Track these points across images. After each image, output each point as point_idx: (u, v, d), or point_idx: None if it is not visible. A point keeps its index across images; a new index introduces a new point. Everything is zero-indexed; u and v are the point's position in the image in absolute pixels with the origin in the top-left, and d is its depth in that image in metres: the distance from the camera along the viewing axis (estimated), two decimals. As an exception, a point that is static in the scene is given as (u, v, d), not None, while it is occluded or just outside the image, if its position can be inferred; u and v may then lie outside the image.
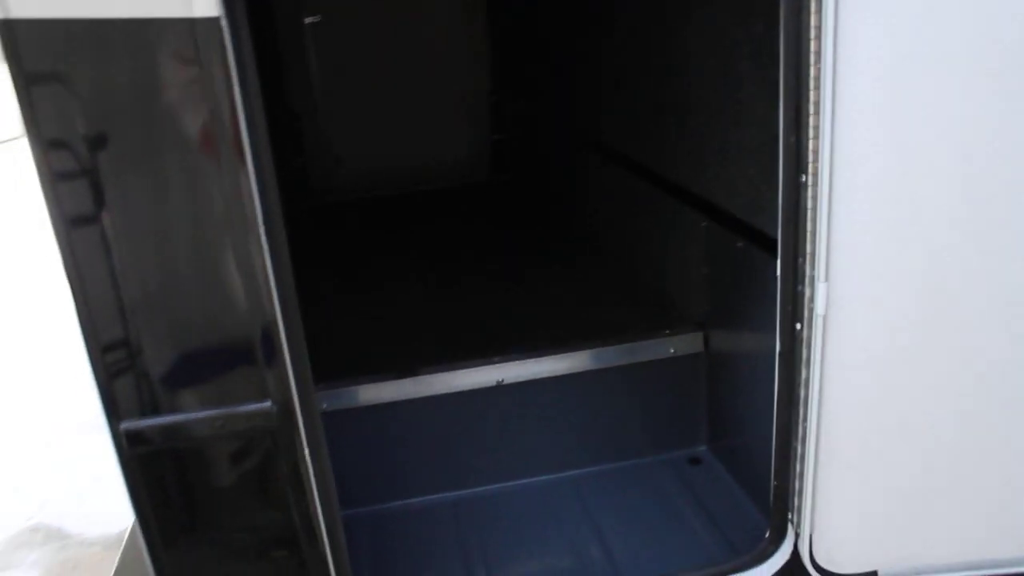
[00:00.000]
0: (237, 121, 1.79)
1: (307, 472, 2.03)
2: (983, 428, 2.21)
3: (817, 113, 1.95)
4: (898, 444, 2.22)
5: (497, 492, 3.11)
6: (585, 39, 4.19)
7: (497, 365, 3.04)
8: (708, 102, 2.92)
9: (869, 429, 2.20)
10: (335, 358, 3.14)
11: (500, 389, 3.06)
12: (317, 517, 2.09)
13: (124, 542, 3.52)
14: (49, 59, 1.71)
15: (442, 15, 5.41)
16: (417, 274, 4.08)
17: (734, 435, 3.09)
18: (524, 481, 3.14)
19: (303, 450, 2.01)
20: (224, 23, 1.74)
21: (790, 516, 2.35)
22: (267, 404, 1.94)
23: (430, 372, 3.01)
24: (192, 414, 1.91)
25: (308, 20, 5.29)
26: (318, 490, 2.08)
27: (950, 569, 2.36)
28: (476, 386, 3.03)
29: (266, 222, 1.85)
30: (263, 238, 1.86)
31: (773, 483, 2.36)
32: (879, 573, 2.34)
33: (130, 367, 1.87)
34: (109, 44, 1.71)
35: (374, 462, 3.02)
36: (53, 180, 1.75)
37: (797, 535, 2.34)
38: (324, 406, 2.93)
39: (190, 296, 1.87)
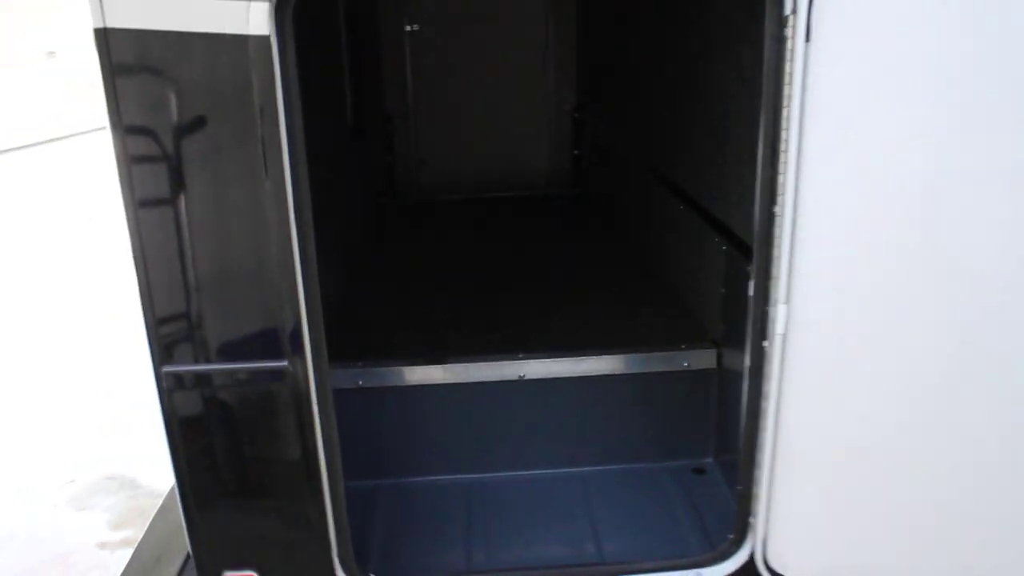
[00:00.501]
0: (278, 121, 2.14)
1: (313, 427, 2.36)
2: (930, 449, 2.35)
3: (786, 151, 2.17)
4: (849, 460, 2.38)
5: (509, 480, 3.37)
6: (643, 69, 4.45)
7: (520, 361, 3.31)
8: (733, 137, 3.14)
9: (822, 444, 2.38)
10: (378, 340, 3.49)
11: (521, 384, 3.32)
12: (320, 469, 2.41)
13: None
14: (132, 61, 2.10)
15: (535, 34, 5.78)
16: (472, 272, 4.39)
17: (737, 449, 3.26)
18: (535, 472, 3.39)
19: (311, 406, 2.34)
20: (274, 40, 2.10)
21: (751, 520, 2.54)
22: (284, 363, 2.28)
23: (458, 361, 3.31)
24: (220, 365, 2.27)
25: (408, 28, 5.75)
26: (323, 444, 2.40)
27: (900, 586, 2.50)
28: (499, 378, 3.30)
29: (296, 214, 2.20)
30: (292, 227, 2.21)
31: (738, 488, 2.55)
32: (830, 582, 2.51)
33: (173, 323, 2.25)
34: (180, 52, 2.09)
35: (400, 439, 3.33)
36: (127, 163, 2.15)
37: (757, 538, 2.53)
38: (360, 382, 3.28)
39: (228, 270, 2.24)
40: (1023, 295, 2.22)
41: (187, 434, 2.34)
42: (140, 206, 2.19)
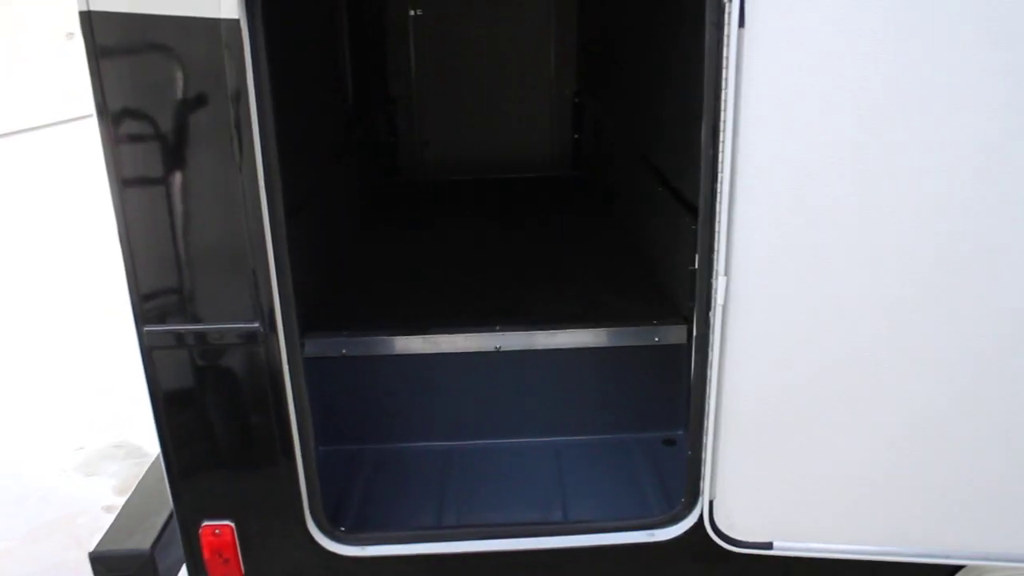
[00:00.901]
0: (250, 103, 2.30)
1: (284, 389, 2.53)
2: (869, 416, 2.47)
3: (724, 131, 2.29)
4: (791, 428, 2.51)
5: (484, 447, 3.53)
6: (626, 55, 4.57)
7: (497, 333, 3.46)
8: (697, 120, 3.26)
9: (765, 412, 2.50)
10: (365, 311, 3.66)
11: (497, 355, 3.47)
12: (291, 429, 2.58)
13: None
14: (114, 44, 2.26)
15: (536, 17, 5.91)
16: (461, 249, 4.54)
17: (701, 421, 3.40)
18: (510, 440, 3.55)
19: (282, 369, 2.50)
20: (244, 24, 2.25)
21: (700, 485, 2.67)
22: (255, 325, 2.44)
23: (437, 332, 3.46)
24: (197, 325, 2.44)
25: (412, 13, 5.90)
26: (294, 406, 2.56)
27: (841, 549, 2.63)
28: (476, 349, 3.45)
29: (268, 191, 2.36)
30: (264, 204, 2.36)
31: (688, 453, 2.69)
32: (774, 545, 2.63)
33: (153, 289, 2.42)
34: (158, 35, 2.25)
35: (382, 406, 3.50)
36: (111, 141, 2.31)
37: (704, 501, 2.66)
38: (344, 351, 3.44)
39: (204, 242, 2.40)
40: (953, 266, 2.33)
41: (166, 394, 2.52)
42: (123, 183, 2.35)
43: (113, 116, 2.31)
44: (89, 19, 2.25)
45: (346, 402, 3.48)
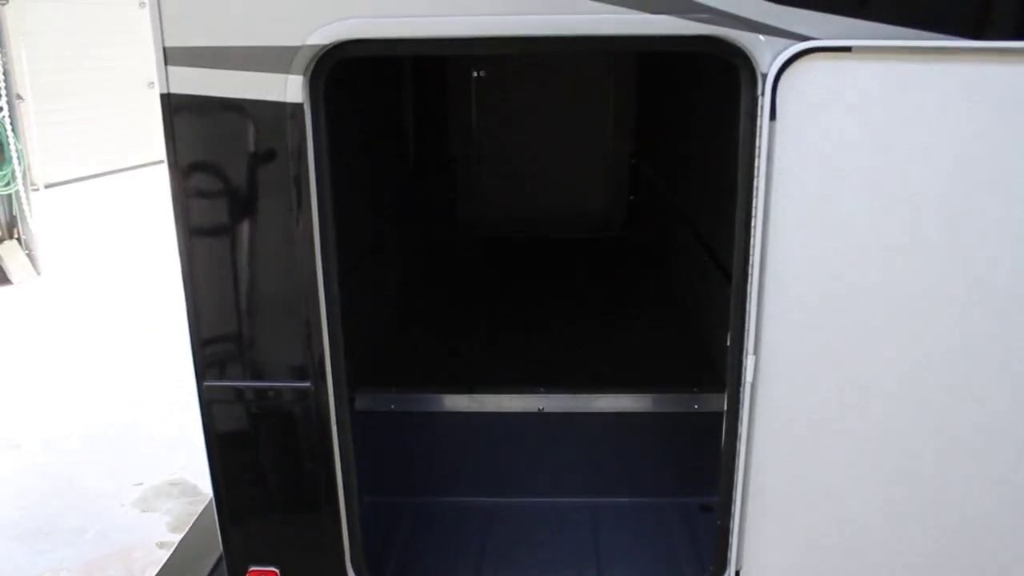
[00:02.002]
0: (309, 173, 2.49)
1: (332, 444, 2.67)
2: (896, 495, 2.52)
3: (756, 216, 2.40)
4: (818, 502, 2.56)
5: (524, 505, 3.62)
6: (679, 129, 4.70)
7: (540, 395, 3.57)
8: None
9: (791, 485, 2.56)
10: (415, 368, 3.81)
11: (540, 416, 3.58)
12: (336, 482, 2.72)
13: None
14: (189, 121, 2.47)
15: (596, 80, 6.07)
16: (513, 308, 4.68)
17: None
18: (548, 500, 3.63)
19: (331, 424, 2.66)
20: (307, 107, 2.44)
21: (729, 555, 2.73)
22: (307, 384, 2.61)
23: (483, 392, 3.58)
24: (252, 382, 2.61)
25: (475, 75, 6.11)
26: (340, 460, 2.71)
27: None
28: (520, 409, 3.57)
29: (323, 257, 2.53)
30: (319, 269, 2.54)
31: (718, 523, 2.75)
32: (799, 617, 2.68)
33: (214, 344, 2.60)
34: (229, 115, 2.46)
35: (427, 461, 3.63)
36: (182, 206, 2.52)
37: (731, 570, 2.72)
38: (392, 406, 3.58)
39: (263, 302, 2.59)
40: (979, 355, 2.39)
41: (222, 444, 2.69)
42: (191, 242, 2.56)
43: (183, 187, 2.52)
44: (168, 100, 2.48)
45: (393, 455, 3.61)
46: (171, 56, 2.46)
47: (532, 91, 6.07)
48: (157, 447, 6.07)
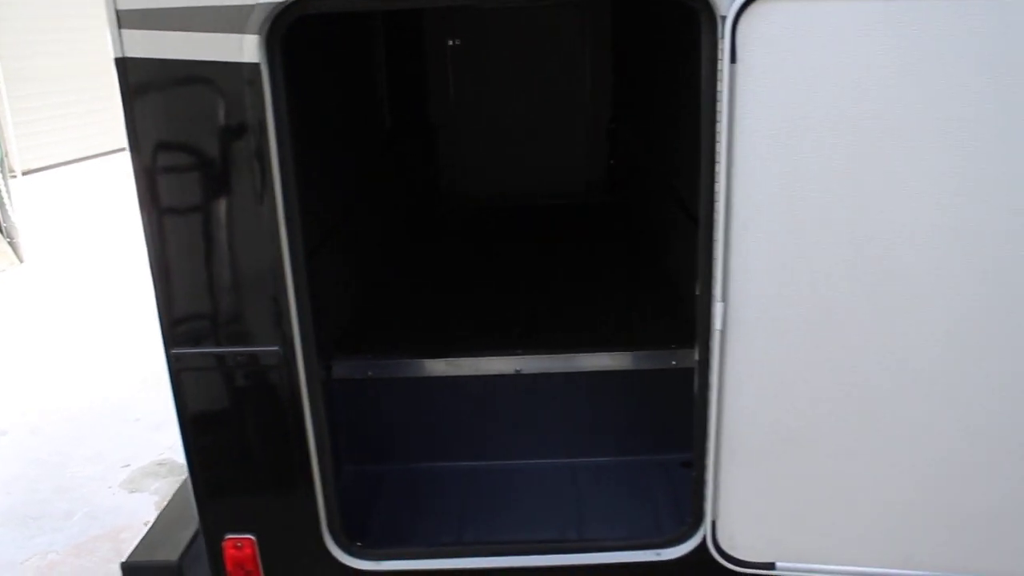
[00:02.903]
0: (270, 137, 2.45)
1: (302, 409, 2.66)
2: (870, 440, 2.51)
3: (719, 162, 2.38)
4: (790, 450, 2.56)
5: (505, 468, 3.61)
6: (653, 88, 4.67)
7: (518, 356, 3.56)
8: None
9: (764, 434, 2.56)
10: (392, 334, 3.80)
11: (518, 377, 3.57)
12: (308, 448, 2.71)
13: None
14: (146, 86, 2.44)
15: (572, 45, 6.04)
16: (490, 273, 4.66)
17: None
18: (529, 461, 3.63)
19: (300, 390, 2.64)
20: (264, 68, 2.41)
21: (704, 506, 2.73)
22: (275, 348, 2.59)
23: (460, 356, 3.57)
24: (219, 348, 2.59)
25: (450, 43, 6.07)
26: (312, 426, 2.69)
27: (844, 571, 2.66)
28: (497, 372, 3.55)
29: (287, 221, 2.51)
30: (283, 234, 2.51)
31: (693, 475, 2.75)
32: (776, 565, 2.68)
33: (181, 311, 2.58)
34: (185, 78, 2.42)
35: (406, 427, 3.62)
36: (142, 174, 2.49)
37: (707, 522, 2.72)
38: (369, 373, 3.57)
39: (227, 269, 2.56)
40: (951, 288, 2.38)
41: (192, 413, 2.67)
42: (151, 213, 2.53)
43: (142, 151, 2.48)
44: (124, 64, 2.44)
45: (373, 423, 3.61)
46: (124, 19, 2.42)
47: (509, 59, 6.03)
48: (143, 428, 6.06)
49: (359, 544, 2.89)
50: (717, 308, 2.48)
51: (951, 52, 2.20)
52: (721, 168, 2.37)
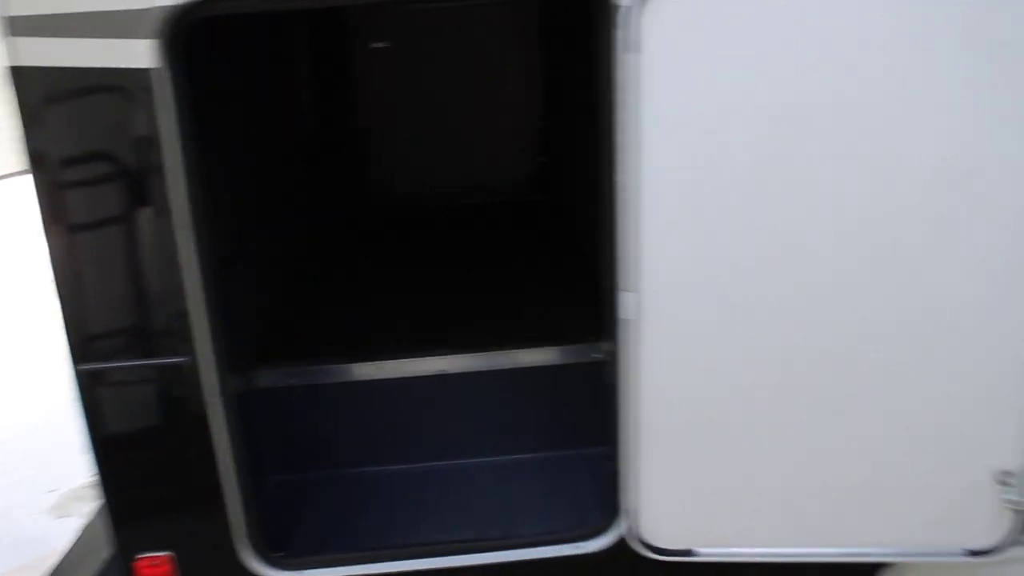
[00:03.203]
0: (169, 145, 2.42)
1: (209, 420, 2.62)
2: (782, 423, 2.57)
3: (624, 152, 2.42)
4: (706, 437, 2.60)
5: (431, 469, 3.60)
6: (570, 82, 4.72)
7: (443, 357, 3.55)
8: None
9: (680, 423, 2.59)
10: (315, 340, 3.78)
11: (443, 378, 3.56)
12: (217, 460, 2.66)
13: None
14: (41, 95, 2.38)
15: (500, 44, 6.06)
16: (420, 274, 4.65)
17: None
18: (458, 462, 3.62)
19: (208, 401, 2.60)
20: (162, 74, 2.37)
21: (624, 498, 2.76)
22: (184, 360, 2.55)
23: (382, 359, 3.55)
24: (128, 362, 2.54)
25: (376, 46, 6.04)
26: (222, 437, 2.65)
27: (762, 553, 2.71)
28: (420, 373, 3.54)
29: (193, 229, 2.47)
30: (189, 239, 2.47)
31: (613, 466, 2.78)
32: (694, 551, 2.71)
33: (87, 328, 2.53)
34: (81, 85, 2.38)
35: (330, 433, 3.58)
36: (40, 186, 2.43)
37: (629, 513, 2.74)
38: (291, 381, 3.53)
39: (132, 282, 2.52)
40: (855, 269, 2.44)
41: (101, 429, 2.61)
42: (53, 226, 2.47)
43: (40, 163, 2.43)
44: (17, 74, 2.38)
45: (297, 431, 3.57)
46: (15, 25, 2.36)
47: (437, 60, 6.03)
48: (71, 451, 5.89)
49: (280, 555, 2.85)
50: (626, 297, 2.51)
51: (857, 40, 2.27)
52: (626, 159, 2.40)
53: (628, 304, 2.52)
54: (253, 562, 2.80)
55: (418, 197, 6.21)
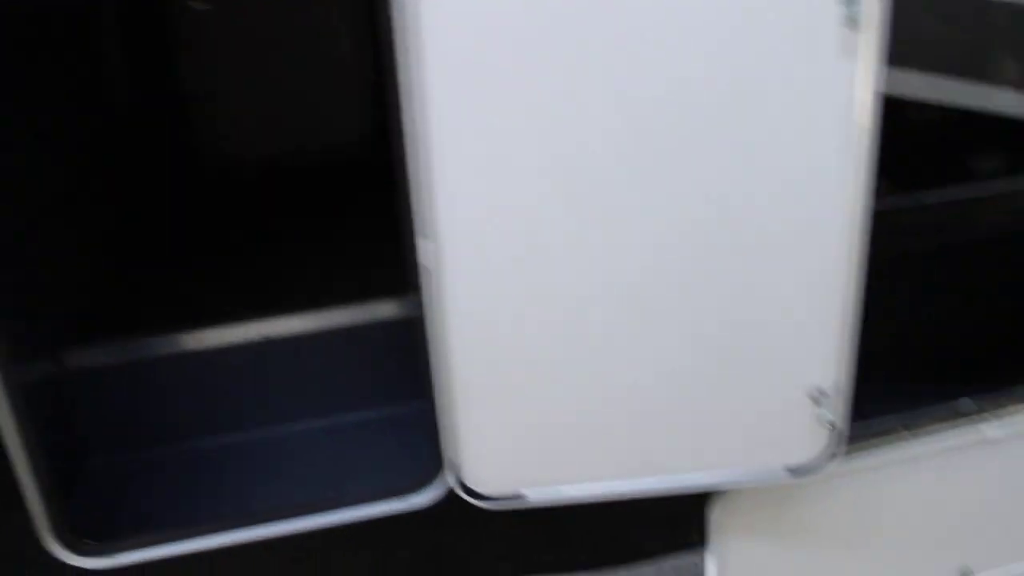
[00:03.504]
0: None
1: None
2: (592, 358, 2.53)
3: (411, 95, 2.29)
4: (522, 378, 2.53)
5: (263, 437, 3.44)
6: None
7: (265, 321, 3.39)
8: None
9: (494, 366, 2.52)
10: (130, 315, 3.57)
11: (267, 343, 3.40)
12: (13, 449, 2.47)
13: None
14: None
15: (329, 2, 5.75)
16: (244, 240, 4.44)
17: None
18: (290, 427, 3.48)
19: None
20: None
21: (446, 452, 2.69)
22: None
23: (203, 328, 3.37)
24: None
25: (195, 6, 5.63)
26: (15, 425, 2.45)
27: (591, 490, 2.69)
28: (244, 340, 3.38)
29: None
30: None
31: (434, 418, 2.70)
32: (523, 495, 2.68)
33: None
34: None
35: (154, 410, 3.40)
36: None
37: (452, 463, 2.68)
38: (107, 359, 3.32)
39: None
40: (655, 210, 2.40)
41: None
42: None
43: None
44: None
45: (117, 410, 3.37)
46: None
47: (263, 22, 5.65)
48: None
49: (90, 541, 2.68)
50: (425, 247, 2.41)
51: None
52: (411, 102, 2.28)
53: (427, 251, 2.41)
54: (61, 551, 2.63)
55: (247, 161, 5.87)
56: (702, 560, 3.11)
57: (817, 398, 2.65)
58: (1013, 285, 3.95)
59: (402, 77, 2.29)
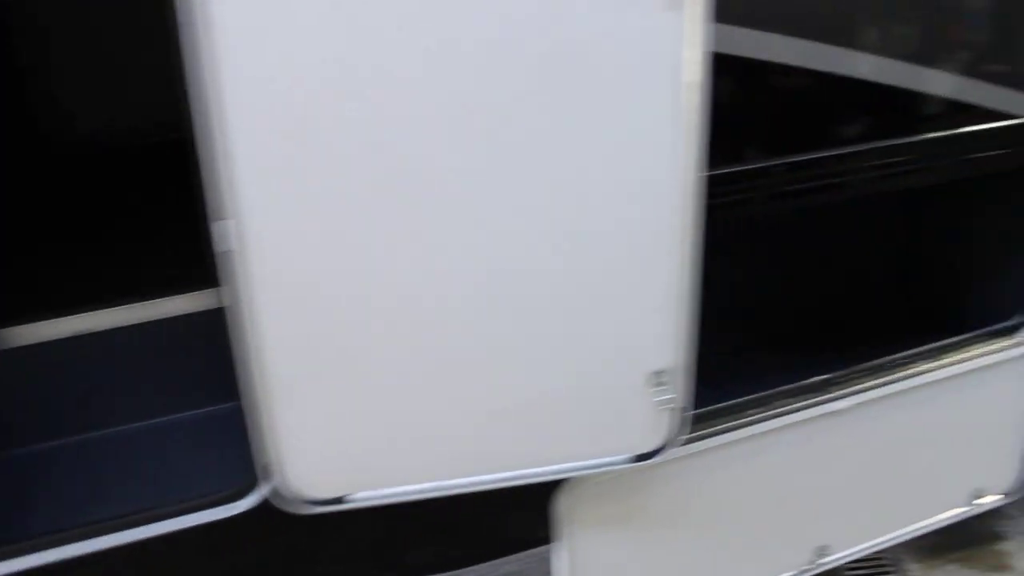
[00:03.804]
0: None
1: None
2: (419, 350, 2.34)
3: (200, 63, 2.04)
4: (343, 373, 2.33)
5: (85, 442, 3.15)
6: None
7: (82, 315, 3.08)
8: None
9: (310, 361, 2.31)
10: None
11: (86, 338, 3.09)
12: None
13: None
14: None
15: None
16: (64, 226, 4.07)
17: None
18: (115, 429, 3.19)
19: None
20: None
21: (265, 451, 2.46)
22: None
23: (14, 324, 3.03)
24: None
25: None
26: None
27: (423, 488, 2.51)
28: (60, 336, 3.06)
29: None
30: None
31: (252, 418, 2.46)
32: (347, 498, 2.48)
33: None
34: None
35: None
36: None
37: (270, 467, 2.46)
38: None
39: None
40: (476, 188, 2.22)
41: None
42: None
43: None
44: None
45: None
46: None
47: None
48: None
49: None
50: (223, 226, 2.17)
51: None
52: (204, 76, 2.04)
53: (226, 233, 2.17)
54: None
55: (90, 139, 5.45)
56: (552, 553, 2.98)
57: (657, 380, 2.54)
58: (859, 254, 3.97)
59: (188, 50, 2.04)
